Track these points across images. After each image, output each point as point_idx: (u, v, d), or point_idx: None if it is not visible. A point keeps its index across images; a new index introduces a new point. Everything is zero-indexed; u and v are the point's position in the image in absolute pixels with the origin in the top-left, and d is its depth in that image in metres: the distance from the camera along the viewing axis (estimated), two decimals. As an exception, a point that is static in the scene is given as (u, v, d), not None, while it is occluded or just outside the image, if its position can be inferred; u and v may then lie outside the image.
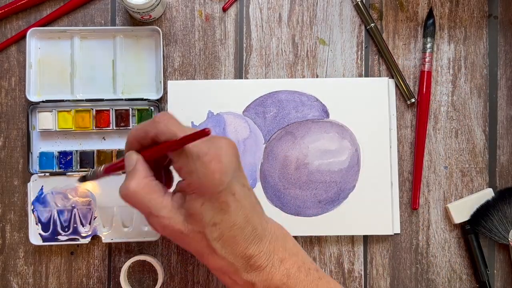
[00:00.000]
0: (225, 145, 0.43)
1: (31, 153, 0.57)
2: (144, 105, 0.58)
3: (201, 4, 0.60)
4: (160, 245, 0.58)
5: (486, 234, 0.57)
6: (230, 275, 0.46)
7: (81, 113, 0.58)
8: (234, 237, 0.44)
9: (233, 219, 0.43)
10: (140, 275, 0.59)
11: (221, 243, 0.44)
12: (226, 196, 0.43)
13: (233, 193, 0.43)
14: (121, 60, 0.58)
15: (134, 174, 0.44)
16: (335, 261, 0.58)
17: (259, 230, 0.45)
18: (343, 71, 0.60)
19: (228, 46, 0.60)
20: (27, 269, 0.58)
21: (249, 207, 0.45)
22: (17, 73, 0.59)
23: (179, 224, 0.44)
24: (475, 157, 0.59)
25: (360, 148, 0.58)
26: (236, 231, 0.44)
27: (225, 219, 0.43)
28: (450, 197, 0.59)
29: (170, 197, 0.44)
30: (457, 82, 0.60)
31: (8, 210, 0.58)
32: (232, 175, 0.43)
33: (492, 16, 0.60)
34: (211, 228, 0.43)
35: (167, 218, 0.44)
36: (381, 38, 0.59)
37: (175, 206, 0.44)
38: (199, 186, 0.42)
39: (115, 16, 0.59)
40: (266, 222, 0.46)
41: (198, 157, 0.42)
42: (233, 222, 0.44)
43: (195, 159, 0.42)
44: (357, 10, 0.59)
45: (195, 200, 0.43)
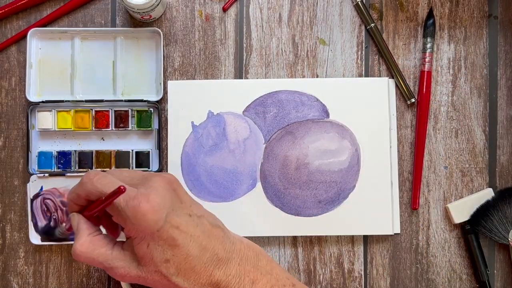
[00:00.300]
0: (157, 183, 0.43)
1: (30, 153, 0.58)
2: (144, 106, 0.58)
3: (201, 4, 0.60)
4: (160, 245, 0.58)
5: (486, 234, 0.57)
6: None
7: (80, 113, 0.58)
8: (193, 268, 0.44)
9: (185, 251, 0.43)
10: (140, 275, 0.59)
11: (181, 276, 0.44)
12: (168, 231, 0.43)
13: (176, 226, 0.43)
14: (121, 61, 0.59)
15: (78, 234, 0.45)
16: (335, 261, 0.59)
17: (222, 254, 0.45)
18: (343, 71, 0.60)
19: (228, 46, 0.60)
20: (27, 269, 0.58)
21: (202, 235, 0.44)
22: (17, 73, 0.59)
23: (135, 270, 0.44)
24: (475, 157, 0.59)
25: (360, 148, 0.58)
26: (193, 262, 0.44)
27: (176, 253, 0.43)
28: (450, 197, 0.59)
29: (120, 246, 0.45)
30: (457, 82, 0.60)
31: (9, 210, 0.58)
32: (169, 209, 0.43)
33: (492, 16, 0.60)
34: (165, 265, 0.43)
35: (121, 267, 0.44)
36: (381, 38, 0.59)
37: (126, 254, 0.45)
38: (136, 231, 0.43)
39: (115, 16, 0.60)
40: (232, 244, 0.46)
41: (126, 204, 0.42)
42: (186, 253, 0.43)
43: (124, 207, 0.42)
44: (357, 10, 0.59)
45: (140, 244, 0.43)
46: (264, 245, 0.58)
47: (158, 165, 0.58)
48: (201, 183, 0.58)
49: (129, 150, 0.58)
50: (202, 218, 0.45)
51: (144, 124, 0.58)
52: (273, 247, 0.59)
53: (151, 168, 0.58)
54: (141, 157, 0.58)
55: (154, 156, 0.58)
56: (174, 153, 0.58)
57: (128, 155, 0.58)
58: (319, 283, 0.58)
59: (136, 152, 0.58)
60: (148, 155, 0.58)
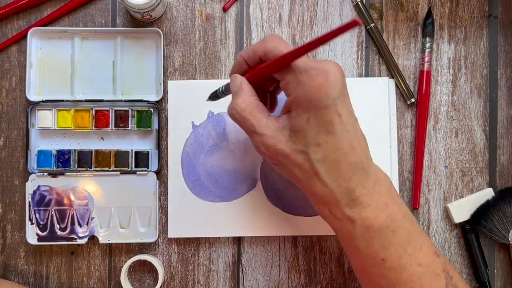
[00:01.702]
0: (333, 67, 0.43)
1: (30, 151, 0.58)
2: (144, 106, 0.58)
3: (202, 4, 0.60)
4: (161, 245, 0.59)
5: (486, 233, 0.57)
6: (330, 207, 0.45)
7: (80, 112, 0.58)
8: (338, 163, 0.43)
9: (338, 142, 0.43)
10: (140, 274, 0.59)
11: (325, 166, 0.43)
12: (331, 115, 0.42)
13: (339, 113, 0.42)
14: (121, 61, 0.59)
15: (240, 93, 0.45)
16: (335, 261, 0.59)
17: (365, 164, 0.44)
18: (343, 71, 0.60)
19: (228, 46, 0.60)
20: (27, 268, 0.58)
21: (355, 135, 0.44)
22: (17, 73, 0.59)
23: (282, 144, 0.44)
24: (475, 156, 0.59)
25: (360, 148, 0.58)
26: (341, 156, 0.43)
27: (329, 141, 0.42)
28: (450, 197, 0.59)
29: (275, 118, 0.45)
30: (457, 82, 0.60)
31: (9, 210, 0.58)
32: (339, 93, 0.42)
33: (492, 16, 0.60)
34: (315, 148, 0.43)
35: (271, 137, 0.44)
36: (381, 38, 0.59)
37: (279, 127, 0.44)
38: (305, 99, 0.42)
39: (115, 16, 0.60)
40: (371, 161, 0.45)
41: (305, 70, 0.42)
42: (338, 145, 0.43)
43: (302, 72, 0.42)
44: (357, 10, 0.59)
45: (300, 116, 0.43)
46: (264, 245, 0.59)
47: (157, 165, 0.58)
48: (201, 183, 0.58)
49: (129, 150, 0.58)
50: (357, 122, 0.45)
51: (144, 124, 0.58)
52: (273, 247, 0.59)
53: (150, 168, 0.58)
54: (141, 157, 0.58)
55: (153, 156, 0.58)
56: (174, 153, 0.58)
57: (128, 155, 0.58)
58: (319, 283, 0.58)
59: (136, 152, 0.58)
60: (147, 155, 0.58)
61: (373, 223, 0.43)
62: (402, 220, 0.44)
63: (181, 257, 0.59)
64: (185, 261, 0.59)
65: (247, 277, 0.59)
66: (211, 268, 0.59)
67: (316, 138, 0.43)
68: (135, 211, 0.58)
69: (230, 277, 0.59)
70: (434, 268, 0.45)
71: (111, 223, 0.58)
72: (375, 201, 0.44)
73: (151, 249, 0.59)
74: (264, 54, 0.45)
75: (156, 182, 0.58)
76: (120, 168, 0.58)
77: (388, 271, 0.44)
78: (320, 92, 0.41)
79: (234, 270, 0.59)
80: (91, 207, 0.58)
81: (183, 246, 0.59)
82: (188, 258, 0.59)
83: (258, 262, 0.59)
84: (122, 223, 0.58)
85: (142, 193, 0.58)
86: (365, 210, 0.43)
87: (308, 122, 0.43)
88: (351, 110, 0.44)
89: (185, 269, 0.59)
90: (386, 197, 0.44)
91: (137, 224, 0.58)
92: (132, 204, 0.58)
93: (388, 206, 0.44)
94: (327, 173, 0.43)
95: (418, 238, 0.45)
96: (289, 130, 0.44)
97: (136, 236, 0.58)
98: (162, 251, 0.59)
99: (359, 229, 0.44)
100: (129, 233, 0.58)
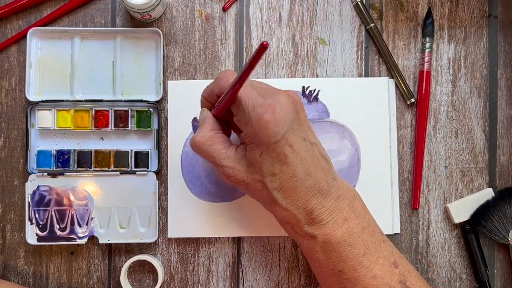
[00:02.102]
0: (283, 98, 0.45)
1: (29, 151, 0.58)
2: (143, 106, 0.58)
3: (201, 4, 0.60)
4: (160, 245, 0.58)
5: (486, 234, 0.57)
6: (292, 225, 0.47)
7: (80, 112, 0.58)
8: (294, 189, 0.45)
9: (292, 171, 0.45)
10: (140, 274, 0.59)
11: (282, 193, 0.46)
12: (282, 147, 0.44)
13: (290, 145, 0.45)
14: (121, 61, 0.59)
15: (202, 127, 0.48)
16: (335, 261, 0.58)
17: (323, 185, 0.46)
18: (343, 71, 0.60)
19: (228, 46, 0.60)
20: (27, 269, 0.58)
21: (310, 161, 0.46)
22: (17, 73, 0.59)
23: (242, 174, 0.47)
24: (475, 157, 0.59)
25: (360, 148, 0.58)
26: (296, 183, 0.45)
27: (284, 170, 0.45)
28: (450, 197, 0.59)
29: (234, 149, 0.47)
30: (457, 82, 0.60)
31: (9, 210, 0.58)
32: (289, 127, 0.44)
33: (492, 16, 0.60)
34: (270, 178, 0.45)
35: (230, 167, 0.47)
36: (381, 38, 0.59)
37: (238, 157, 0.47)
38: (255, 136, 0.45)
39: (115, 16, 0.60)
40: (333, 179, 0.47)
41: (253, 108, 0.44)
42: (292, 173, 0.45)
43: (250, 110, 0.44)
44: (357, 10, 0.59)
45: (254, 150, 0.45)
46: (264, 245, 0.59)
47: (157, 165, 0.58)
48: (201, 183, 0.58)
49: (128, 150, 0.58)
50: (314, 146, 0.47)
51: (144, 124, 0.58)
52: (273, 247, 0.59)
53: (150, 168, 0.58)
54: (140, 157, 0.58)
55: (153, 156, 0.58)
56: (174, 153, 0.58)
57: (127, 155, 0.58)
58: (319, 283, 0.58)
59: (135, 152, 0.58)
60: (147, 155, 0.58)
61: (331, 238, 0.46)
62: (361, 233, 0.47)
63: (180, 257, 0.59)
64: (184, 261, 0.59)
65: (247, 277, 0.59)
66: (211, 268, 0.59)
67: (271, 169, 0.45)
68: (135, 211, 0.58)
69: (230, 277, 0.59)
70: (389, 280, 0.47)
71: (111, 223, 0.58)
72: (334, 217, 0.46)
73: (150, 249, 0.59)
74: (219, 91, 0.47)
75: (155, 182, 0.58)
76: (120, 168, 0.58)
77: (344, 282, 0.47)
78: (268, 130, 0.44)
79: (234, 270, 0.59)
80: (90, 207, 0.58)
81: (183, 246, 0.59)
82: (188, 258, 0.59)
83: (258, 262, 0.59)
84: (121, 223, 0.58)
85: (142, 193, 0.58)
86: (324, 227, 0.46)
87: (261, 156, 0.45)
88: (306, 135, 0.46)
89: (185, 269, 0.59)
90: (346, 212, 0.47)
91: (136, 224, 0.58)
92: (131, 204, 0.58)
93: (346, 220, 0.47)
94: (284, 199, 0.46)
95: (376, 251, 0.47)
96: (247, 161, 0.46)
97: (135, 236, 0.58)
98: (161, 251, 0.59)
99: (318, 243, 0.47)
100: (129, 233, 0.58)
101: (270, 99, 0.44)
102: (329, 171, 0.47)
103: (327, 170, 0.47)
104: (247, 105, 0.44)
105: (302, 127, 0.46)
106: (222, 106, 0.47)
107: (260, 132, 0.44)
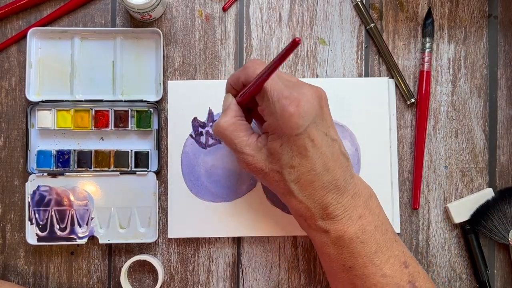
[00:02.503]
0: (309, 92, 0.45)
1: (29, 151, 0.58)
2: (143, 106, 0.58)
3: (201, 4, 0.60)
4: (160, 245, 0.58)
5: (486, 234, 0.57)
6: (306, 218, 0.48)
7: (80, 112, 0.58)
8: (312, 183, 0.46)
9: (311, 165, 0.45)
10: (140, 275, 0.59)
11: (299, 186, 0.46)
12: (304, 140, 0.45)
13: (312, 139, 0.45)
14: (121, 61, 0.59)
15: (226, 113, 0.48)
16: (335, 261, 0.58)
17: (341, 182, 0.46)
18: (343, 71, 0.60)
19: (228, 46, 0.60)
20: (27, 269, 0.58)
21: (330, 157, 0.46)
22: (17, 73, 0.59)
23: (261, 163, 0.47)
24: (475, 157, 0.59)
25: (360, 148, 0.58)
26: (314, 177, 0.46)
27: (302, 163, 0.45)
28: (450, 197, 0.59)
29: (256, 137, 0.48)
30: (457, 82, 0.60)
31: (9, 210, 0.58)
32: (311, 121, 0.45)
33: (492, 16, 0.60)
34: (289, 170, 0.46)
35: (250, 155, 0.47)
36: (381, 38, 0.59)
37: (258, 146, 0.47)
38: (277, 127, 0.45)
39: (115, 16, 0.60)
40: (351, 177, 0.48)
41: (278, 99, 0.44)
42: (311, 167, 0.45)
43: (275, 101, 0.45)
44: (357, 10, 0.59)
45: (275, 141, 0.46)
46: (264, 245, 0.59)
47: (157, 165, 0.58)
48: (201, 183, 0.58)
49: (128, 150, 0.58)
50: (334, 142, 0.47)
51: (144, 124, 0.58)
52: (273, 247, 0.59)
53: (150, 168, 0.58)
54: (140, 157, 0.58)
55: (153, 156, 0.58)
56: (174, 153, 0.58)
57: (127, 155, 0.58)
58: (319, 283, 0.58)
59: (135, 152, 0.58)
60: (147, 155, 0.58)
61: (344, 234, 0.46)
62: (374, 231, 0.47)
63: (180, 257, 0.59)
64: (184, 261, 0.59)
65: (247, 277, 0.59)
66: (210, 268, 0.59)
67: (290, 161, 0.46)
68: (135, 211, 0.58)
69: (230, 277, 0.59)
70: (398, 280, 0.47)
71: (111, 223, 0.58)
72: (348, 213, 0.47)
73: (150, 249, 0.59)
74: (245, 80, 0.47)
75: (155, 182, 0.58)
76: (120, 168, 0.58)
77: (354, 278, 0.47)
78: (290, 122, 0.44)
79: (234, 270, 0.59)
80: (90, 207, 0.58)
81: (183, 246, 0.59)
82: (188, 258, 0.59)
83: (258, 262, 0.59)
84: (122, 223, 0.58)
85: (142, 193, 0.58)
86: (338, 223, 0.47)
87: (282, 147, 0.46)
88: (328, 131, 0.46)
89: (185, 269, 0.59)
90: (361, 209, 0.47)
91: (136, 224, 0.58)
92: (132, 204, 0.58)
93: (361, 218, 0.47)
94: (300, 192, 0.47)
95: (388, 250, 0.47)
96: (267, 150, 0.47)
97: (135, 236, 0.58)
98: (162, 251, 0.59)
99: (331, 238, 0.47)
100: (129, 233, 0.58)
101: (296, 92, 0.45)
102: (347, 168, 0.48)
103: (345, 167, 0.47)
104: (272, 96, 0.45)
105: (325, 123, 0.46)
106: (248, 94, 0.47)
107: (283, 123, 0.44)
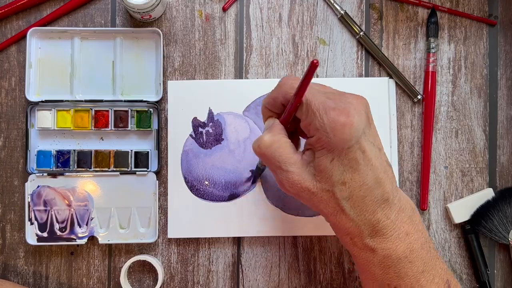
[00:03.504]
0: (355, 101, 0.42)
1: (29, 151, 0.58)
2: (143, 106, 0.58)
3: (201, 4, 0.60)
4: (160, 245, 0.58)
5: (486, 234, 0.57)
6: (352, 236, 0.45)
7: (80, 112, 0.58)
8: (364, 198, 0.43)
9: (363, 178, 0.43)
10: (140, 275, 0.59)
11: (351, 203, 0.43)
12: (355, 152, 0.42)
13: (363, 150, 0.42)
14: (121, 61, 0.59)
15: (270, 130, 0.45)
16: (335, 261, 0.58)
17: (389, 194, 0.43)
18: (343, 71, 0.60)
19: (228, 46, 0.60)
20: (27, 269, 0.58)
21: (380, 167, 0.43)
22: (17, 73, 0.59)
23: (308, 182, 0.44)
24: (475, 157, 0.59)
25: (360, 148, 0.58)
26: (366, 192, 0.43)
27: (354, 178, 0.42)
28: (450, 197, 0.59)
29: (300, 155, 0.44)
30: (457, 82, 0.60)
31: (8, 210, 0.58)
32: (362, 131, 0.42)
33: (492, 16, 0.60)
34: (341, 187, 0.43)
35: (296, 174, 0.44)
36: (373, 45, 0.59)
37: (304, 164, 0.44)
38: (327, 141, 0.42)
39: (115, 16, 0.60)
40: (396, 190, 0.45)
41: (325, 112, 0.41)
42: (363, 181, 0.43)
43: (322, 114, 0.41)
44: (343, 23, 0.59)
45: (325, 157, 0.43)
46: (264, 245, 0.58)
47: (157, 165, 0.58)
48: (201, 183, 0.58)
49: (128, 150, 0.58)
50: (381, 152, 0.44)
51: (144, 124, 0.58)
52: (273, 247, 0.59)
53: (150, 168, 0.58)
54: (140, 157, 0.58)
55: (153, 156, 0.58)
56: (174, 153, 0.58)
57: (127, 155, 0.58)
58: (319, 283, 0.58)
59: (135, 152, 0.58)
60: (147, 155, 0.58)
61: (392, 253, 0.44)
62: (420, 250, 0.45)
63: (180, 258, 0.59)
64: (184, 261, 0.59)
65: (247, 277, 0.58)
66: (210, 268, 0.58)
67: (342, 177, 0.43)
68: (135, 212, 0.58)
69: (230, 277, 0.59)
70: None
71: (111, 223, 0.58)
72: (396, 230, 0.44)
73: (150, 250, 0.59)
74: (284, 98, 0.45)
75: (155, 182, 0.58)
76: (120, 169, 0.58)
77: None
78: (343, 134, 0.41)
79: (234, 270, 0.59)
80: (90, 208, 0.58)
81: (183, 247, 0.59)
82: (188, 259, 0.59)
83: (258, 262, 0.59)
84: (121, 223, 0.58)
85: (142, 193, 0.58)
86: (386, 241, 0.44)
87: (332, 162, 0.42)
88: (375, 141, 0.44)
89: (185, 269, 0.59)
90: (407, 225, 0.44)
91: (136, 224, 0.58)
92: (131, 205, 0.58)
93: (408, 235, 0.44)
94: (352, 209, 0.43)
95: (432, 268, 0.45)
96: (314, 168, 0.44)
97: (135, 237, 0.58)
98: (161, 251, 0.58)
99: (378, 257, 0.44)
100: (129, 234, 0.58)
101: (342, 102, 0.42)
102: (393, 179, 0.45)
103: (391, 178, 0.44)
104: (318, 109, 0.42)
105: (372, 132, 0.44)
106: (288, 112, 0.44)
107: (335, 136, 0.41)
